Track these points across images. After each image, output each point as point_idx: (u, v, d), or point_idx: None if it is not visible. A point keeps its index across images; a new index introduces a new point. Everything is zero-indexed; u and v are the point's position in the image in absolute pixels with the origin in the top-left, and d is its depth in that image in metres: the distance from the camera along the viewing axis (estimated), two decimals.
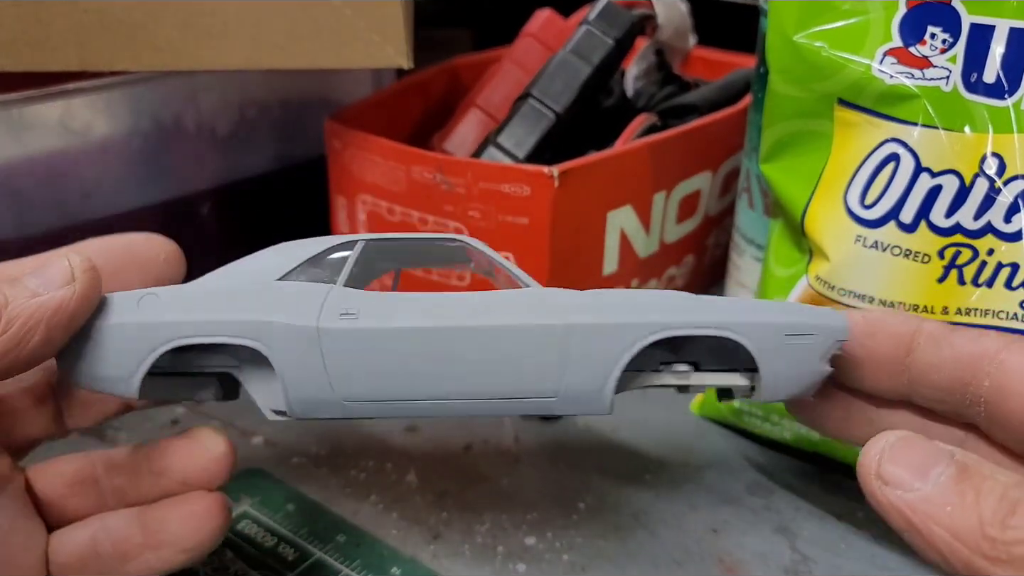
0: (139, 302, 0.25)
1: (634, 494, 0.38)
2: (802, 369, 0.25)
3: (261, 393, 0.26)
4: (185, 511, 0.28)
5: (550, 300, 0.25)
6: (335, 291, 0.25)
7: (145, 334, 0.24)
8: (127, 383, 0.25)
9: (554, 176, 0.37)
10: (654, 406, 0.44)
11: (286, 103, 0.50)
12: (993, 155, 0.31)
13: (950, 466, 0.20)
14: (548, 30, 0.50)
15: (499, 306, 0.25)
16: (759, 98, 0.41)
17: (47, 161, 0.40)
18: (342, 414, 0.25)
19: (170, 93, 0.44)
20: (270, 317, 0.24)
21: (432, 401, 0.25)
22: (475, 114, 0.49)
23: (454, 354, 0.24)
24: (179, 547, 0.27)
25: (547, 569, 0.34)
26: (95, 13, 0.35)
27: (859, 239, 0.32)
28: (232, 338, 0.24)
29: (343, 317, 0.24)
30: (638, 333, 0.24)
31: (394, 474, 0.39)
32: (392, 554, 0.34)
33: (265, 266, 0.26)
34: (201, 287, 0.26)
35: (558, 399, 0.25)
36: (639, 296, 0.25)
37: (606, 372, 0.25)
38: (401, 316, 0.24)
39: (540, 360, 0.24)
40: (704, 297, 0.26)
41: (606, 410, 0.25)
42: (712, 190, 0.50)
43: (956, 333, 0.25)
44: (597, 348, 0.24)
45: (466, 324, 0.24)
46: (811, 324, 0.25)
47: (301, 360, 0.24)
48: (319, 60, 0.37)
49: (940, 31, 0.31)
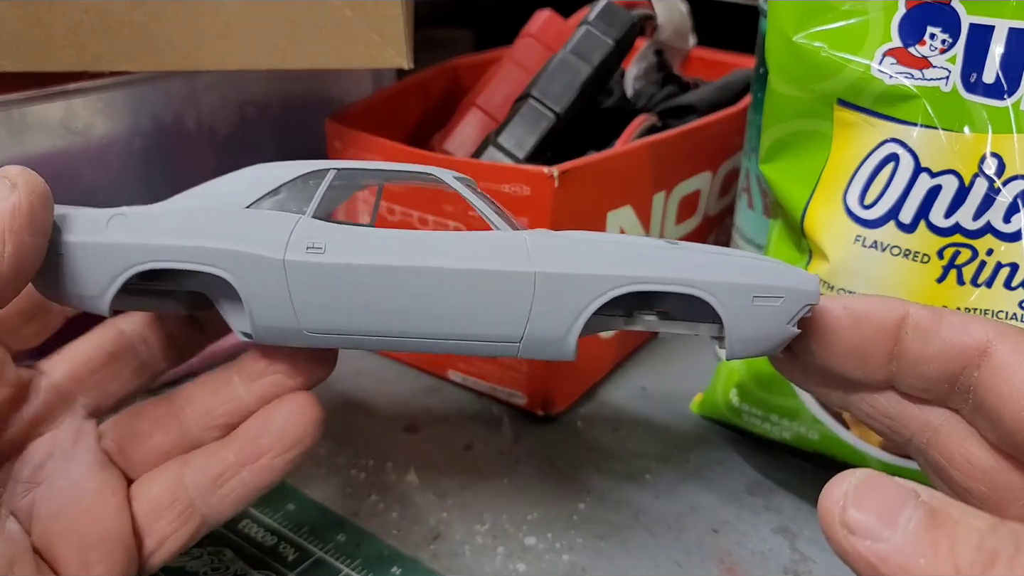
0: (108, 222, 0.25)
1: (634, 494, 0.38)
2: (768, 330, 0.25)
3: (232, 314, 0.26)
4: (280, 410, 0.28)
5: (520, 245, 0.25)
6: (303, 222, 0.25)
7: (116, 255, 0.25)
8: (98, 301, 0.25)
9: (554, 176, 0.37)
10: (654, 406, 0.44)
11: (286, 103, 0.50)
12: (992, 155, 0.31)
13: (918, 509, 0.19)
14: (548, 30, 0.50)
15: (468, 249, 0.25)
16: (759, 98, 0.41)
17: (47, 161, 0.40)
18: (306, 343, 0.26)
19: (170, 93, 0.44)
20: (236, 247, 0.25)
21: (394, 338, 0.25)
22: (475, 114, 0.49)
23: (419, 294, 0.24)
24: (280, 449, 0.27)
25: (547, 569, 0.34)
26: (95, 13, 0.36)
27: (858, 239, 0.32)
28: (200, 265, 0.25)
29: (310, 251, 0.25)
30: (606, 285, 0.24)
31: (394, 474, 0.39)
32: (392, 554, 0.34)
33: (236, 191, 0.26)
34: (169, 208, 0.26)
35: (522, 344, 0.25)
36: (612, 245, 0.25)
37: (571, 321, 0.25)
38: (368, 253, 0.24)
39: (507, 306, 0.24)
40: (680, 248, 0.25)
41: (570, 356, 0.25)
42: (712, 190, 0.50)
43: (944, 323, 0.24)
44: (565, 297, 0.24)
45: (433, 265, 0.24)
46: (780, 286, 0.25)
47: (266, 290, 0.25)
48: (319, 60, 0.37)
49: (939, 31, 0.31)
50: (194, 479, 0.28)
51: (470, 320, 0.25)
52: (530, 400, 0.42)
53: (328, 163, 0.27)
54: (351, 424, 0.42)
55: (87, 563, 0.26)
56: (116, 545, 0.26)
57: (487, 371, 0.43)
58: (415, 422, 0.43)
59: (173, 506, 0.27)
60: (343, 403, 0.44)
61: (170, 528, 0.27)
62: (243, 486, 0.28)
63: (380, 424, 0.42)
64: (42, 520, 0.26)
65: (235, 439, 0.28)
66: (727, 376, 0.39)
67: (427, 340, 0.25)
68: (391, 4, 0.36)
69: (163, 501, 0.27)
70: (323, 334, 0.25)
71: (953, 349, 0.24)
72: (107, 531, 0.26)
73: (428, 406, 0.44)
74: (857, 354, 0.25)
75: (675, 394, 0.45)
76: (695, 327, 0.26)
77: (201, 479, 0.28)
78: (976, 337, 0.23)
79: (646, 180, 0.43)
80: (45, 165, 0.40)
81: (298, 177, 0.27)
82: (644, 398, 0.45)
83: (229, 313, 0.27)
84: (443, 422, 0.43)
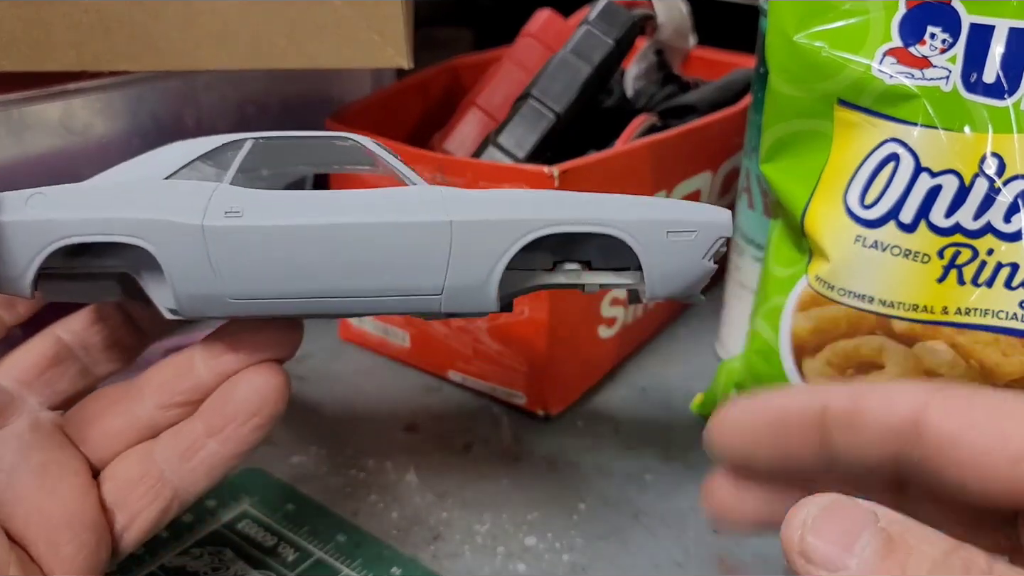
0: (27, 201, 0.25)
1: (634, 494, 0.38)
2: (686, 266, 0.25)
3: (158, 292, 0.26)
4: (244, 378, 0.27)
5: (434, 196, 0.25)
6: (221, 189, 0.25)
7: (31, 232, 0.24)
8: (19, 282, 0.25)
9: (554, 176, 0.37)
10: (654, 406, 0.44)
11: (286, 103, 0.50)
12: (993, 155, 0.31)
13: (875, 536, 0.18)
14: (548, 30, 0.50)
15: (384, 203, 0.25)
16: (759, 98, 0.41)
17: (47, 161, 0.40)
18: (231, 312, 0.25)
19: (170, 93, 0.44)
20: (155, 215, 0.24)
21: (318, 299, 0.25)
22: (475, 114, 0.49)
23: (338, 252, 0.25)
24: (244, 416, 0.27)
25: (547, 570, 0.34)
26: (95, 13, 0.35)
27: (859, 239, 0.32)
28: (119, 237, 0.25)
29: (228, 215, 0.25)
30: (521, 229, 0.25)
31: (394, 474, 0.39)
32: (392, 554, 0.34)
33: (156, 164, 0.26)
34: (90, 185, 0.26)
35: (444, 296, 0.25)
36: (525, 194, 0.26)
37: (489, 268, 0.25)
38: (285, 214, 0.25)
39: (425, 257, 0.25)
40: (590, 195, 0.26)
41: (492, 307, 0.25)
42: (712, 190, 0.50)
43: (866, 405, 0.22)
44: (480, 244, 0.25)
45: (349, 221, 0.24)
46: (692, 220, 0.25)
47: (186, 258, 0.24)
48: (319, 60, 0.37)
49: (940, 31, 0.31)
50: (163, 454, 0.28)
51: (390, 274, 0.25)
52: (530, 400, 0.42)
53: (245, 135, 0.27)
54: (351, 424, 0.42)
55: (55, 543, 0.26)
56: (83, 525, 0.26)
57: (487, 371, 0.43)
58: (415, 422, 0.43)
59: (143, 480, 0.27)
60: (343, 403, 0.44)
61: (141, 503, 0.27)
62: (211, 456, 0.28)
63: (380, 424, 0.42)
64: (7, 505, 0.26)
65: (202, 411, 0.28)
66: (727, 376, 0.39)
67: (349, 299, 0.25)
68: (391, 4, 0.36)
69: (133, 476, 0.27)
70: (246, 299, 0.25)
71: (884, 433, 0.22)
72: (72, 512, 0.26)
73: (428, 406, 0.44)
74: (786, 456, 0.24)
75: (675, 394, 0.45)
76: (618, 275, 0.27)
77: (170, 453, 0.28)
78: (902, 414, 0.22)
79: (646, 180, 0.43)
80: (44, 165, 0.40)
81: (216, 148, 0.27)
82: (644, 398, 0.45)
83: (153, 290, 0.26)
84: (443, 422, 0.43)
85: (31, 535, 0.26)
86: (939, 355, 0.32)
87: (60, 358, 0.29)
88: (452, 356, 0.44)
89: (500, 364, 0.43)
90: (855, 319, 0.33)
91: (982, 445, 0.20)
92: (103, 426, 0.28)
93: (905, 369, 0.33)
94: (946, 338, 0.32)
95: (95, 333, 0.30)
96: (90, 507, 0.27)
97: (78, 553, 0.26)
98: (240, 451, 0.28)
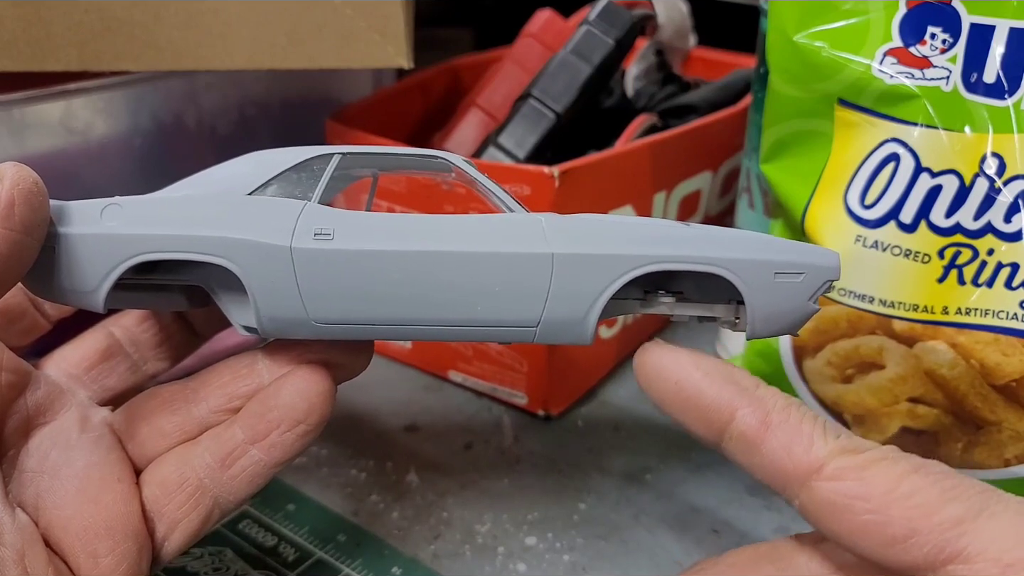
0: (102, 212, 0.24)
1: (634, 494, 0.38)
2: (791, 307, 0.25)
3: (233, 308, 0.25)
4: (287, 383, 0.26)
5: (536, 227, 0.24)
6: (309, 208, 0.24)
7: (111, 247, 0.24)
8: (92, 296, 0.24)
9: (555, 176, 0.37)
10: (654, 406, 0.44)
11: (286, 103, 0.50)
12: (993, 155, 0.31)
13: None
14: (548, 30, 0.50)
15: (482, 231, 0.24)
16: (759, 98, 0.41)
17: (47, 161, 0.40)
18: (314, 335, 0.25)
19: (170, 93, 0.44)
20: (240, 235, 0.24)
21: (407, 326, 0.24)
22: (475, 114, 0.49)
23: (432, 280, 0.24)
24: (288, 423, 0.26)
25: (548, 569, 0.34)
26: (95, 13, 0.35)
27: (859, 239, 0.32)
28: (202, 256, 0.24)
29: (317, 237, 0.24)
30: (626, 266, 0.24)
31: (394, 474, 0.39)
32: (392, 554, 0.34)
33: (237, 177, 0.25)
34: (166, 197, 0.25)
35: (539, 329, 0.24)
36: (629, 226, 0.25)
37: (590, 303, 0.24)
38: (378, 238, 0.24)
39: (524, 289, 0.24)
40: (693, 228, 0.25)
41: (587, 340, 0.25)
42: (712, 190, 0.50)
43: (768, 440, 0.23)
44: (583, 279, 0.24)
45: (447, 249, 0.23)
46: (802, 263, 0.24)
47: (273, 280, 0.24)
48: (319, 60, 0.37)
49: (940, 31, 0.31)
50: (203, 460, 0.27)
51: (486, 305, 0.24)
52: (530, 400, 0.42)
53: (332, 148, 0.26)
54: (351, 424, 0.42)
55: (94, 553, 0.25)
56: (124, 534, 0.25)
57: (487, 371, 0.43)
58: (415, 422, 0.43)
59: (182, 488, 0.26)
60: (343, 403, 0.44)
61: (181, 512, 0.26)
62: (253, 465, 0.27)
63: (380, 424, 0.42)
64: (47, 511, 0.25)
65: (242, 416, 0.27)
66: None
67: (441, 328, 0.24)
68: (391, 3, 0.36)
69: (171, 483, 0.26)
70: (333, 324, 0.24)
71: (775, 471, 0.23)
72: (113, 519, 0.25)
73: (428, 406, 0.44)
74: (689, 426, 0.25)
75: None
76: (711, 308, 0.26)
77: (210, 459, 0.27)
78: (798, 466, 0.22)
79: (646, 180, 0.43)
80: (45, 165, 0.40)
81: (302, 162, 0.26)
82: (644, 398, 0.45)
83: (229, 307, 0.25)
84: (443, 422, 0.43)
85: (69, 543, 0.25)
86: (939, 355, 0.32)
87: (110, 353, 0.29)
88: (453, 356, 0.44)
89: (500, 364, 0.43)
90: (855, 319, 0.33)
91: (860, 524, 0.21)
92: (155, 425, 0.27)
93: (905, 369, 0.33)
94: (946, 338, 0.32)
95: (146, 330, 0.30)
96: (132, 516, 0.26)
97: (119, 565, 0.25)
98: (285, 459, 0.27)
